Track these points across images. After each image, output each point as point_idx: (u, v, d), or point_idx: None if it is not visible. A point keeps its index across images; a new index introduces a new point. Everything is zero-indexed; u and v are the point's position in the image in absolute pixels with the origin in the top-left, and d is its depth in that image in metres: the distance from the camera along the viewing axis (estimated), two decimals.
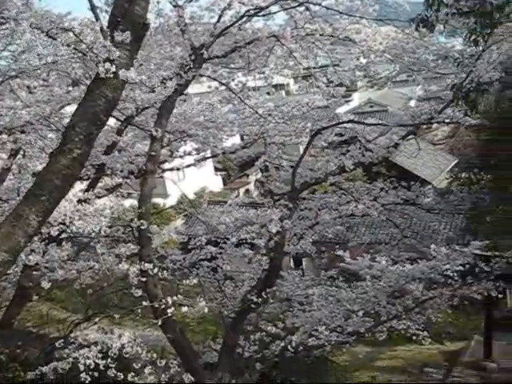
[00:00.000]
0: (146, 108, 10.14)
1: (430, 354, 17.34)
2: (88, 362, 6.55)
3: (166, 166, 13.57)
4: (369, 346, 17.54)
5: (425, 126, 11.76)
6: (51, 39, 6.22)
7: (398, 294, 11.25)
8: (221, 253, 11.56)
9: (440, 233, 17.27)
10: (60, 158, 5.17)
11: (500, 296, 14.12)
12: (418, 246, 14.15)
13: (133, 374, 7.09)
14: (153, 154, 8.29)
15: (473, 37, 8.02)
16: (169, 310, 6.56)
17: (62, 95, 9.63)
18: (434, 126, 12.75)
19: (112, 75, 5.12)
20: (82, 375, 6.52)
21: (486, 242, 11.24)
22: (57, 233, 7.32)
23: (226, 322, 9.69)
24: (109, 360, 6.80)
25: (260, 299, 9.04)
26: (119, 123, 10.53)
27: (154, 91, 8.94)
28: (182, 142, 13.01)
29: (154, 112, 9.82)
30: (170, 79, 8.92)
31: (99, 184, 10.61)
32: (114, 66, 5.12)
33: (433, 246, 10.43)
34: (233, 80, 10.50)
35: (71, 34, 5.69)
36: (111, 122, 10.89)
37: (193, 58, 8.64)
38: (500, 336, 17.17)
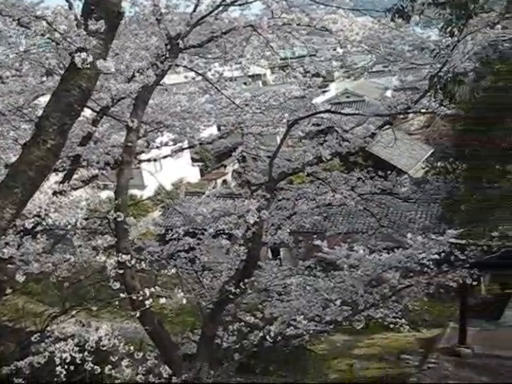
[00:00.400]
0: (122, 98, 10.01)
1: (407, 342, 17.59)
2: (64, 355, 6.47)
3: (143, 156, 13.45)
4: (347, 335, 17.74)
5: (401, 116, 11.83)
6: (23, 28, 6.09)
7: (375, 283, 11.35)
8: (198, 244, 11.52)
9: (416, 222, 17.44)
10: (33, 149, 5.07)
11: (474, 284, 14.41)
12: (395, 235, 14.30)
13: (110, 366, 7.05)
14: (129, 144, 8.20)
15: (448, 28, 8.08)
16: (146, 302, 6.52)
17: (36, 85, 9.44)
18: (410, 115, 12.83)
19: (87, 65, 5.03)
20: (57, 369, 6.44)
21: (461, 230, 11.39)
22: (32, 225, 7.19)
23: (204, 313, 9.67)
24: (85, 353, 6.75)
25: (238, 290, 9.05)
26: (95, 114, 10.39)
27: (129, 81, 8.83)
28: (159, 133, 12.90)
29: (130, 102, 9.70)
30: (146, 69, 8.83)
31: (75, 176, 10.47)
32: (90, 56, 5.02)
33: (409, 234, 10.52)
34: (209, 70, 10.43)
35: (44, 22, 5.57)
36: (87, 112, 10.73)
37: (169, 47, 8.56)
38: (474, 322, 17.51)
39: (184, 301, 6.64)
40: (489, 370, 15.27)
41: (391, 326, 12.09)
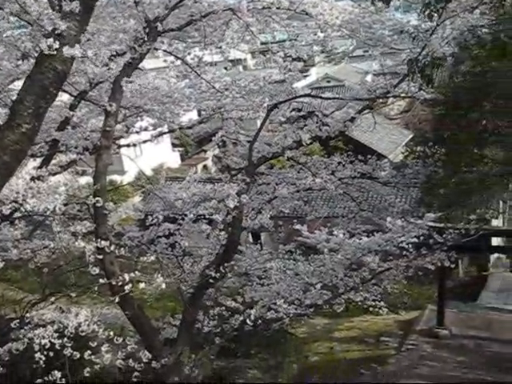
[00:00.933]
0: (100, 83, 9.89)
1: (386, 324, 17.83)
2: (44, 341, 6.45)
3: (123, 142, 13.35)
4: (327, 318, 17.93)
5: (381, 101, 11.86)
6: None
7: (355, 267, 11.45)
8: (179, 229, 11.50)
9: (396, 206, 17.58)
10: (8, 134, 5.00)
11: (452, 266, 14.63)
12: (375, 219, 14.41)
13: (90, 352, 7.04)
14: (107, 129, 8.11)
15: (427, 11, 8.09)
16: (126, 287, 6.51)
17: (11, 69, 9.26)
18: (390, 100, 12.88)
19: (59, 48, 4.95)
20: (36, 355, 6.43)
21: (440, 214, 11.51)
22: (9, 211, 7.13)
23: (184, 298, 9.68)
24: (65, 339, 6.74)
25: (218, 274, 9.07)
26: (72, 98, 10.26)
27: (107, 65, 8.70)
28: (138, 118, 12.79)
29: (108, 87, 9.59)
30: (124, 53, 8.71)
31: (53, 161, 10.35)
32: (62, 39, 4.93)
33: (389, 218, 10.60)
34: (189, 54, 10.33)
35: (17, 4, 5.47)
36: (65, 97, 10.60)
37: (147, 31, 8.45)
38: (452, 304, 17.82)
39: (163, 285, 6.64)
40: (466, 351, 15.58)
41: (371, 308, 12.29)
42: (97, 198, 7.80)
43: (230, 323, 9.11)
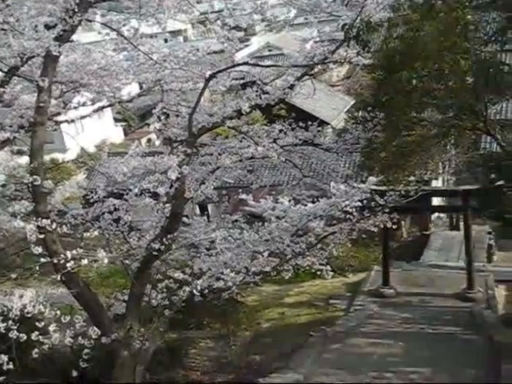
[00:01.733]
0: (32, 57, 9.54)
1: (335, 287, 18.30)
2: None
3: (61, 118, 12.99)
4: (277, 285, 18.25)
5: (320, 67, 11.92)
6: None
7: (301, 233, 11.64)
8: (124, 204, 11.36)
9: (339, 171, 17.91)
10: None
11: (395, 228, 15.10)
12: (319, 185, 14.66)
13: (37, 333, 6.95)
14: (41, 105, 7.90)
15: None
16: (68, 264, 6.43)
17: None
18: (331, 67, 12.93)
19: None
20: None
21: (381, 177, 11.79)
22: None
23: (132, 273, 9.65)
24: (10, 322, 6.63)
25: (163, 246, 9.05)
26: (3, 75, 9.87)
27: (37, 39, 8.39)
28: (76, 93, 12.46)
29: (41, 62, 9.26)
30: (55, 25, 8.42)
31: None
32: None
33: (332, 183, 10.76)
34: (124, 26, 10.07)
35: None
36: None
37: (77, 1, 8.18)
38: (396, 264, 18.45)
39: (106, 260, 6.58)
40: (410, 307, 16.22)
41: (319, 273, 12.56)
42: (34, 177, 7.61)
43: (179, 295, 9.14)
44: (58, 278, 7.26)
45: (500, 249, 20.33)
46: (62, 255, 6.54)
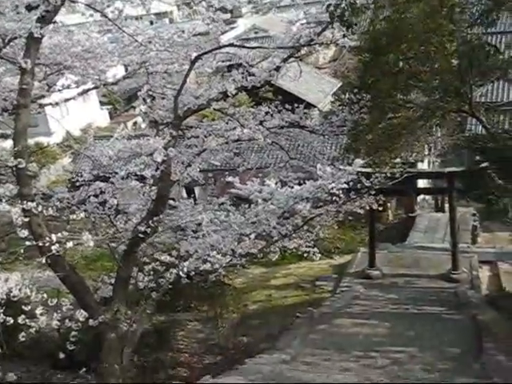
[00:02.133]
0: (14, 39, 9.39)
1: (321, 269, 18.45)
2: None
3: (46, 101, 12.84)
4: (264, 267, 18.37)
5: (306, 49, 11.87)
6: None
7: (288, 215, 11.68)
8: (110, 187, 11.31)
9: (325, 153, 17.95)
10: None
11: (381, 210, 15.22)
12: (305, 167, 14.68)
13: (24, 316, 6.95)
14: (24, 87, 7.80)
15: None
16: (53, 247, 6.41)
17: None
18: (317, 49, 12.89)
19: None
20: None
21: (367, 159, 11.84)
22: None
23: (118, 256, 9.64)
24: None
25: (149, 229, 9.06)
26: None
27: (19, 20, 8.27)
28: (60, 75, 12.31)
29: (24, 43, 9.12)
30: (38, 6, 8.29)
31: None
32: None
33: (319, 165, 10.77)
34: (108, 7, 9.93)
35: None
36: None
37: None
38: (382, 246, 18.62)
39: (91, 243, 6.57)
40: (396, 288, 16.41)
41: (306, 255, 12.65)
42: (18, 160, 7.55)
43: (166, 278, 9.16)
44: (44, 262, 7.25)
45: (484, 230, 20.61)
46: (48, 238, 6.52)
